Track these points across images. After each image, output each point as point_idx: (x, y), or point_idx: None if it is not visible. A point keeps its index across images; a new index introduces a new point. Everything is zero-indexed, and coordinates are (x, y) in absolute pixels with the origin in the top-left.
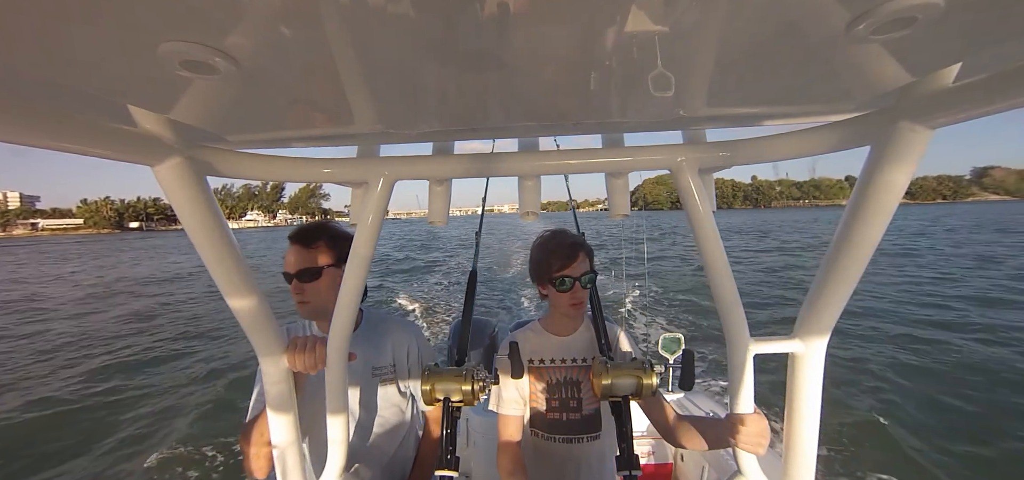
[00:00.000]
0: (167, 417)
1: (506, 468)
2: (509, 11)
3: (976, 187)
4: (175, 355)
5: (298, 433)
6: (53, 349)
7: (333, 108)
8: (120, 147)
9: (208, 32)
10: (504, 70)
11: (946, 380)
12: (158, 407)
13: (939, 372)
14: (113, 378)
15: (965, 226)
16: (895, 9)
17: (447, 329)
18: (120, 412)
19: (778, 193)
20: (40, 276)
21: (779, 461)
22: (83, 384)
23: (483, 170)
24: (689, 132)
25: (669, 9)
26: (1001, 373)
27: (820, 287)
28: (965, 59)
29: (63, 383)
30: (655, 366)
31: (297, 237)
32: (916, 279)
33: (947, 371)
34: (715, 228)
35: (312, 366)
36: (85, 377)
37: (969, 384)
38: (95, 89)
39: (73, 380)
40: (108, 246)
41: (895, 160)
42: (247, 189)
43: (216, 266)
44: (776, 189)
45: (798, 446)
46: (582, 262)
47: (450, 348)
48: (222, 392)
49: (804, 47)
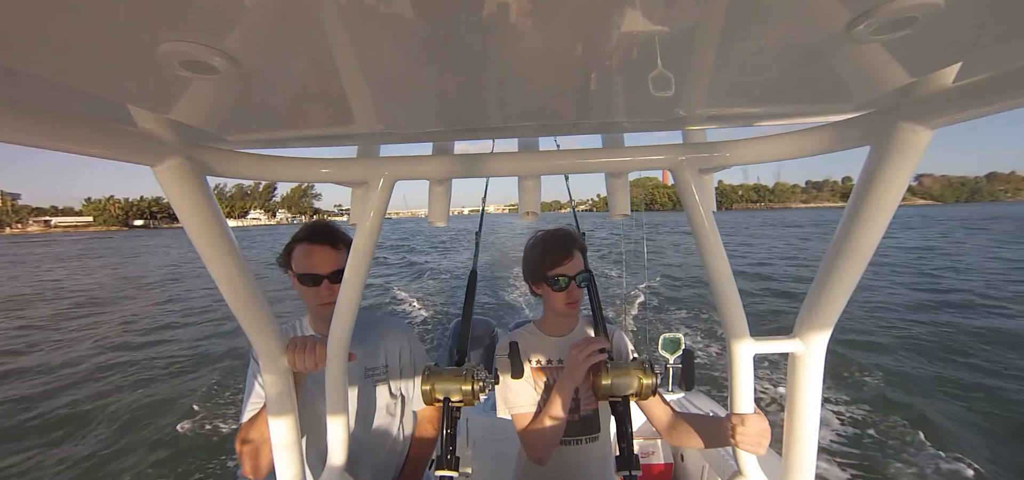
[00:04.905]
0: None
1: (538, 420)
2: (509, 11)
3: (908, 193)
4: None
5: (298, 433)
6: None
7: (333, 108)
8: (120, 147)
9: (208, 32)
10: (504, 70)
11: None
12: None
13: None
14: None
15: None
16: (895, 9)
17: (436, 330)
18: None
19: (739, 196)
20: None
21: (779, 461)
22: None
23: (483, 170)
24: (689, 132)
25: (669, 9)
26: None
27: (820, 287)
28: (965, 59)
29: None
30: (655, 366)
31: (323, 237)
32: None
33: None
34: (715, 228)
35: (312, 366)
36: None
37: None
38: (95, 89)
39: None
40: (135, 243)
41: (895, 160)
42: (239, 188)
43: (216, 266)
44: (738, 193)
45: (798, 446)
46: (577, 261)
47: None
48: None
49: (804, 47)
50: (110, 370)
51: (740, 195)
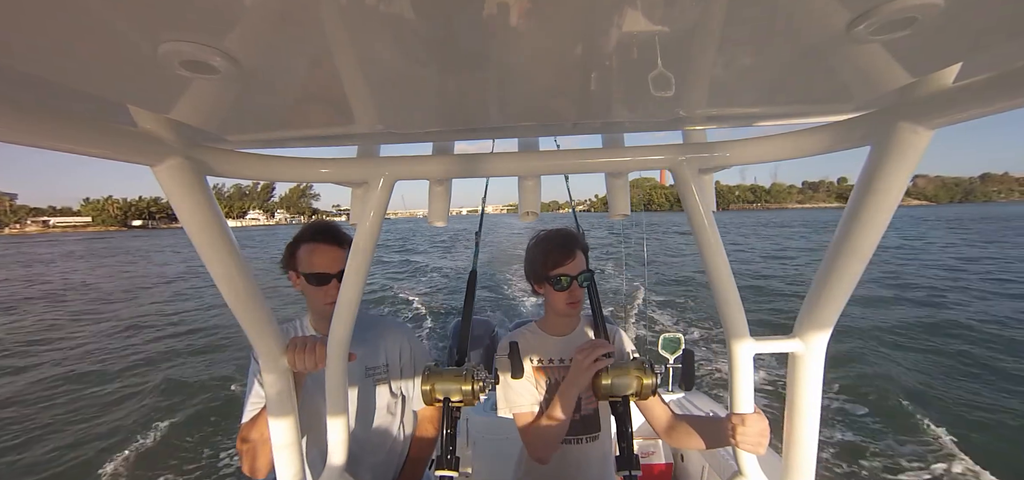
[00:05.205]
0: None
1: (540, 419)
2: (509, 11)
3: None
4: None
5: (298, 433)
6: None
7: (333, 108)
8: (120, 147)
9: (208, 32)
10: (504, 70)
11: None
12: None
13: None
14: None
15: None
16: (895, 9)
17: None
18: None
19: (736, 197)
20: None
21: (779, 461)
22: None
23: (483, 170)
24: (689, 132)
25: (669, 9)
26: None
27: (820, 287)
28: (965, 59)
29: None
30: (655, 366)
31: (329, 237)
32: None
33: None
34: (715, 228)
35: (312, 366)
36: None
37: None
38: (95, 89)
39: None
40: (138, 243)
41: (895, 160)
42: (238, 189)
43: (216, 266)
44: (735, 193)
45: (798, 446)
46: (579, 260)
47: (450, 348)
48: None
49: (804, 47)
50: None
51: (737, 196)
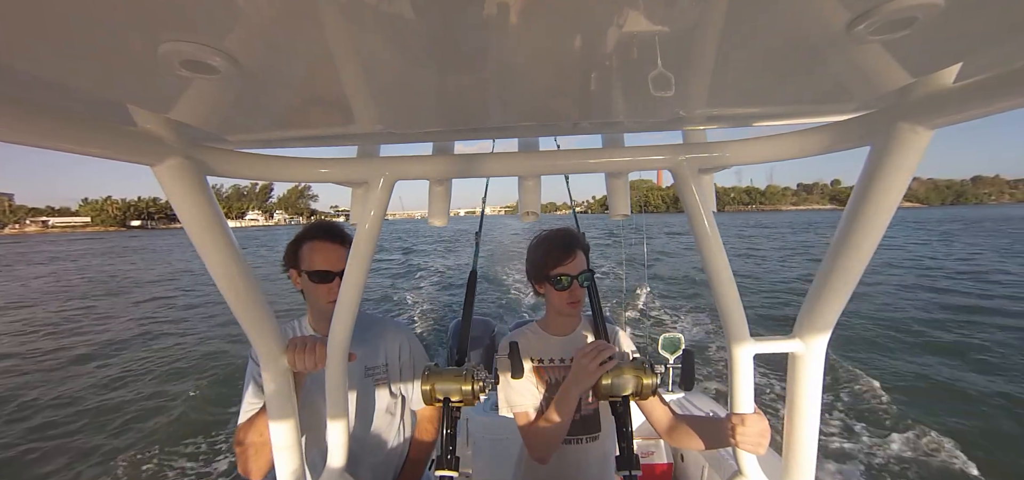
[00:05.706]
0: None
1: (541, 419)
2: (509, 11)
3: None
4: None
5: (298, 433)
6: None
7: (333, 108)
8: (120, 147)
9: (208, 32)
10: (504, 70)
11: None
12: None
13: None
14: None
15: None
16: (895, 9)
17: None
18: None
19: (731, 199)
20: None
21: (779, 461)
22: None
23: (483, 170)
24: (689, 132)
25: (669, 9)
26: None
27: (820, 287)
28: (965, 59)
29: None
30: (655, 366)
31: (333, 235)
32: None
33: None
34: (715, 229)
35: (312, 366)
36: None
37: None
38: (95, 89)
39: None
40: (139, 243)
41: (895, 160)
42: (236, 189)
43: (216, 266)
44: (730, 195)
45: (798, 446)
46: (579, 260)
47: (450, 348)
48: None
49: (804, 47)
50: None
51: (732, 198)
